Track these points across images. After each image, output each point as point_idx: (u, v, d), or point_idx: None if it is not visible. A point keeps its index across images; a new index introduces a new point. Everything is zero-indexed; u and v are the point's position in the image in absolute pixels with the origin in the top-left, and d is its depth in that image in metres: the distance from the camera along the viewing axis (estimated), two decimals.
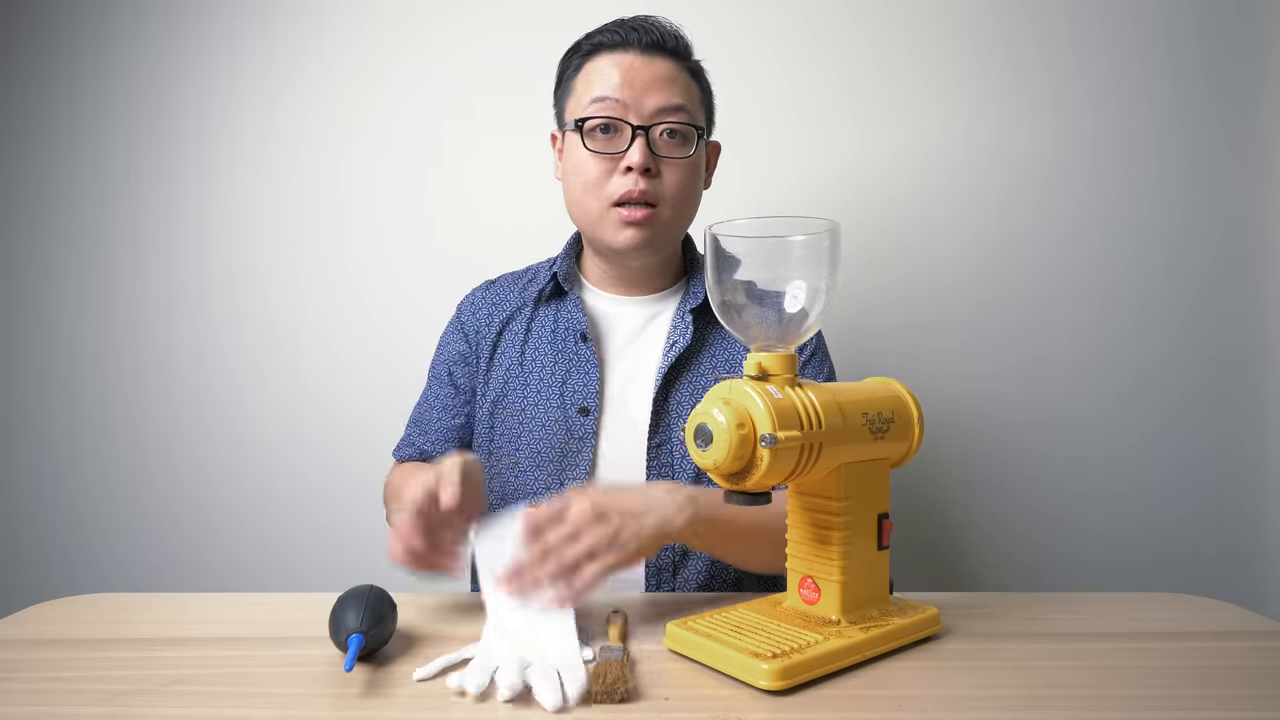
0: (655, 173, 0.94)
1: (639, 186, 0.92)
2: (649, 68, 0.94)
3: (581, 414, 0.97)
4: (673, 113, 0.94)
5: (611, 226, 0.96)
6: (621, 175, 0.93)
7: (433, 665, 0.63)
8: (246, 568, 1.53)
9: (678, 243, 1.03)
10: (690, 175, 0.97)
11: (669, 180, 0.95)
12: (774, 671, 0.59)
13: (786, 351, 0.67)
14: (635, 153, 0.92)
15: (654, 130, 0.93)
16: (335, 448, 1.52)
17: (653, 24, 0.96)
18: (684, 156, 0.95)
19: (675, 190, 0.95)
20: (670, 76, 0.95)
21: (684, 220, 1.00)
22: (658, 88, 0.94)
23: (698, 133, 0.96)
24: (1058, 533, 1.47)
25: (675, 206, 0.96)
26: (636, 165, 0.92)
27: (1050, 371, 1.46)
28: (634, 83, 0.93)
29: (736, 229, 0.68)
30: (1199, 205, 1.44)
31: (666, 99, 0.94)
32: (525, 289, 1.07)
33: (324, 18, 1.50)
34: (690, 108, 0.96)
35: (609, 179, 0.94)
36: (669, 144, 0.95)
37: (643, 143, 0.92)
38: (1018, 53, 1.45)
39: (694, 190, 0.99)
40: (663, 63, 0.95)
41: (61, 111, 1.53)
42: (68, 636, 0.72)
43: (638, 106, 0.93)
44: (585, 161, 0.95)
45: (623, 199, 0.94)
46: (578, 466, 0.96)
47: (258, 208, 1.52)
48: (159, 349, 1.54)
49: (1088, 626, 0.74)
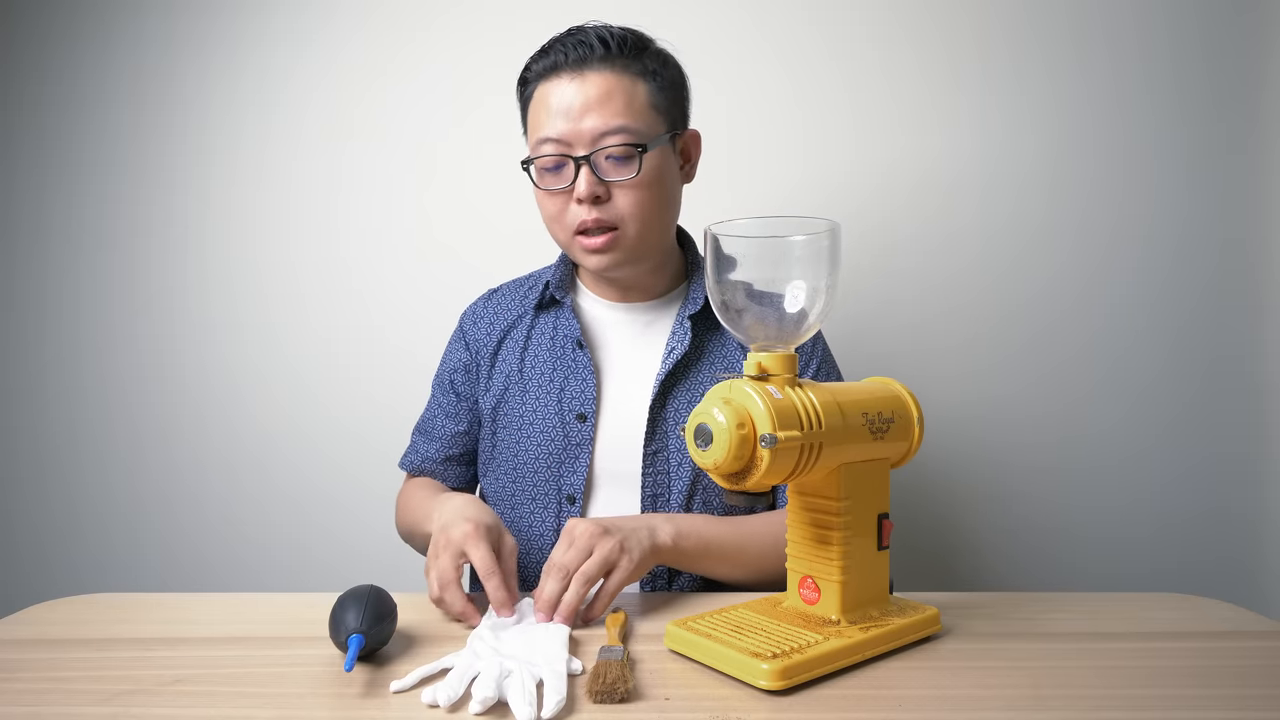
0: (606, 197, 0.93)
1: (591, 215, 0.92)
2: (582, 90, 0.91)
3: (579, 420, 0.97)
4: (613, 134, 0.91)
5: (579, 253, 0.96)
6: (576, 204, 0.93)
7: (410, 677, 0.61)
8: (246, 568, 1.53)
9: (660, 250, 1.01)
10: (645, 193, 0.94)
11: (622, 202, 0.93)
12: (774, 671, 0.59)
13: (786, 351, 0.67)
14: (581, 184, 0.91)
15: (596, 156, 0.91)
16: (335, 448, 1.52)
17: (580, 36, 0.93)
18: (631, 178, 0.92)
19: (632, 209, 0.93)
20: (605, 92, 0.91)
21: (654, 232, 0.97)
22: (593, 111, 0.91)
23: (640, 150, 0.92)
24: (1058, 532, 1.47)
25: (638, 222, 0.94)
26: (584, 196, 0.91)
27: (1050, 371, 1.46)
28: (569, 112, 0.91)
29: (736, 229, 0.68)
30: (1201, 211, 1.44)
31: (604, 122, 0.91)
32: (526, 296, 1.07)
33: (323, 19, 1.50)
34: (633, 122, 0.92)
35: (566, 210, 0.94)
36: (614, 167, 0.92)
37: (587, 172, 0.91)
38: (1019, 55, 1.44)
39: (657, 202, 0.96)
40: (596, 77, 0.92)
41: (61, 111, 1.53)
42: (68, 636, 0.72)
43: (578, 136, 0.91)
44: (543, 198, 0.96)
45: (579, 229, 0.94)
46: (575, 473, 0.97)
47: (257, 208, 1.52)
48: (159, 349, 1.54)
49: (1088, 626, 0.74)
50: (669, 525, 0.84)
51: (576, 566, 0.75)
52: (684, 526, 0.86)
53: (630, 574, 0.78)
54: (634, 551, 0.79)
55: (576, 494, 0.96)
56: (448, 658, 0.64)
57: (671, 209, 0.99)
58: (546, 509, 0.97)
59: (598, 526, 0.78)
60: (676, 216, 1.02)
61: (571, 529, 0.79)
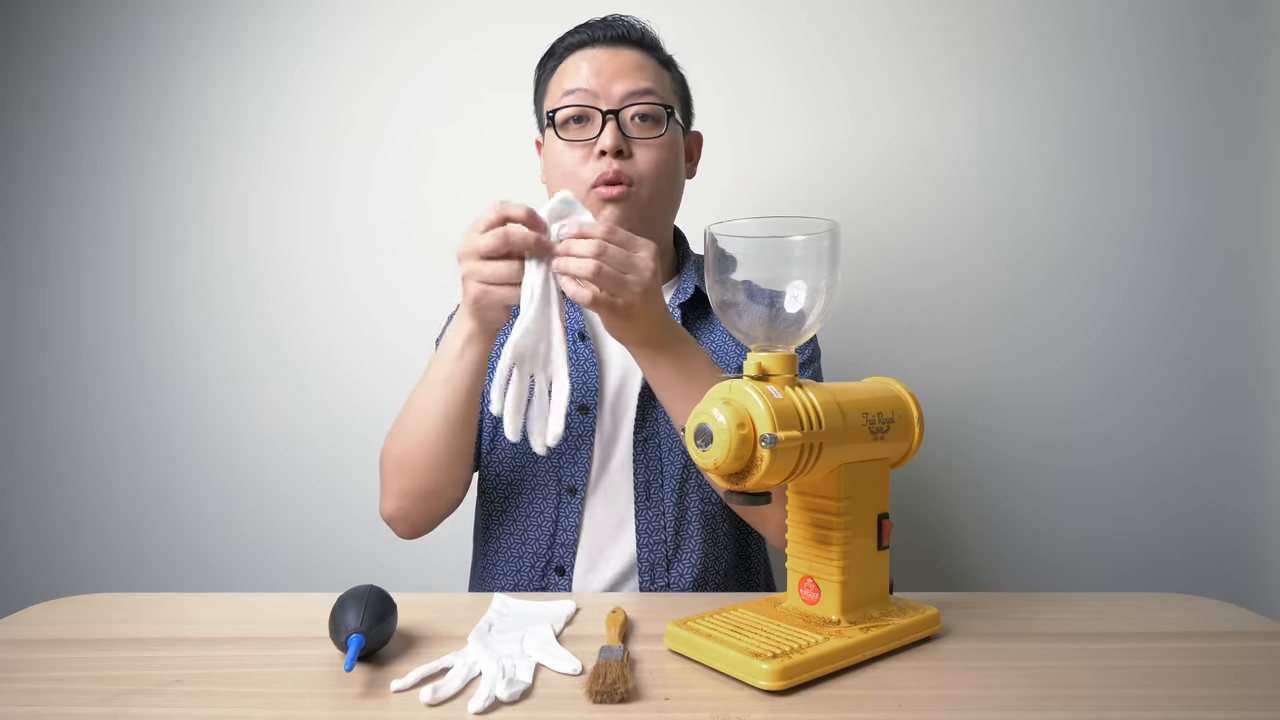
0: (628, 154, 0.96)
1: (613, 168, 0.94)
2: (615, 58, 0.97)
3: (581, 411, 0.98)
4: (641, 95, 0.96)
5: (592, 208, 0.96)
6: (596, 159, 0.95)
7: (410, 677, 0.61)
8: (246, 568, 1.53)
9: (662, 227, 1.03)
10: (665, 155, 0.98)
11: (642, 160, 0.96)
12: (774, 671, 0.59)
13: (786, 352, 0.67)
14: (606, 136, 0.94)
15: (624, 113, 0.95)
16: (334, 448, 1.52)
17: (617, 19, 1.00)
18: (655, 136, 0.96)
19: (650, 169, 0.96)
20: (638, 64, 0.98)
21: (663, 201, 1.00)
22: (625, 74, 0.96)
23: (668, 112, 0.97)
24: (1058, 532, 1.47)
25: (652, 185, 0.97)
26: (609, 148, 0.94)
27: (1050, 371, 1.46)
28: (601, 71, 0.96)
29: (736, 229, 0.68)
30: (1200, 209, 1.44)
31: (634, 83, 0.96)
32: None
33: (322, 18, 1.50)
34: (659, 90, 0.98)
35: (584, 165, 0.96)
36: (640, 126, 0.96)
37: (613, 126, 0.94)
38: (1018, 55, 1.45)
39: (671, 171, 0.99)
40: (629, 52, 0.98)
41: (60, 112, 1.53)
42: (67, 636, 0.72)
43: (606, 93, 0.95)
44: (562, 151, 0.97)
45: (598, 181, 0.95)
46: (576, 464, 0.97)
47: (256, 209, 1.52)
48: (158, 349, 1.54)
49: (1088, 626, 0.74)
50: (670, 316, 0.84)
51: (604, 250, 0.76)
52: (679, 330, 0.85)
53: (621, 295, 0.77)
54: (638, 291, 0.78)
55: (578, 485, 0.96)
56: (447, 657, 0.64)
57: (679, 188, 1.03)
58: (546, 500, 0.97)
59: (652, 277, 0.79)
60: (680, 200, 1.04)
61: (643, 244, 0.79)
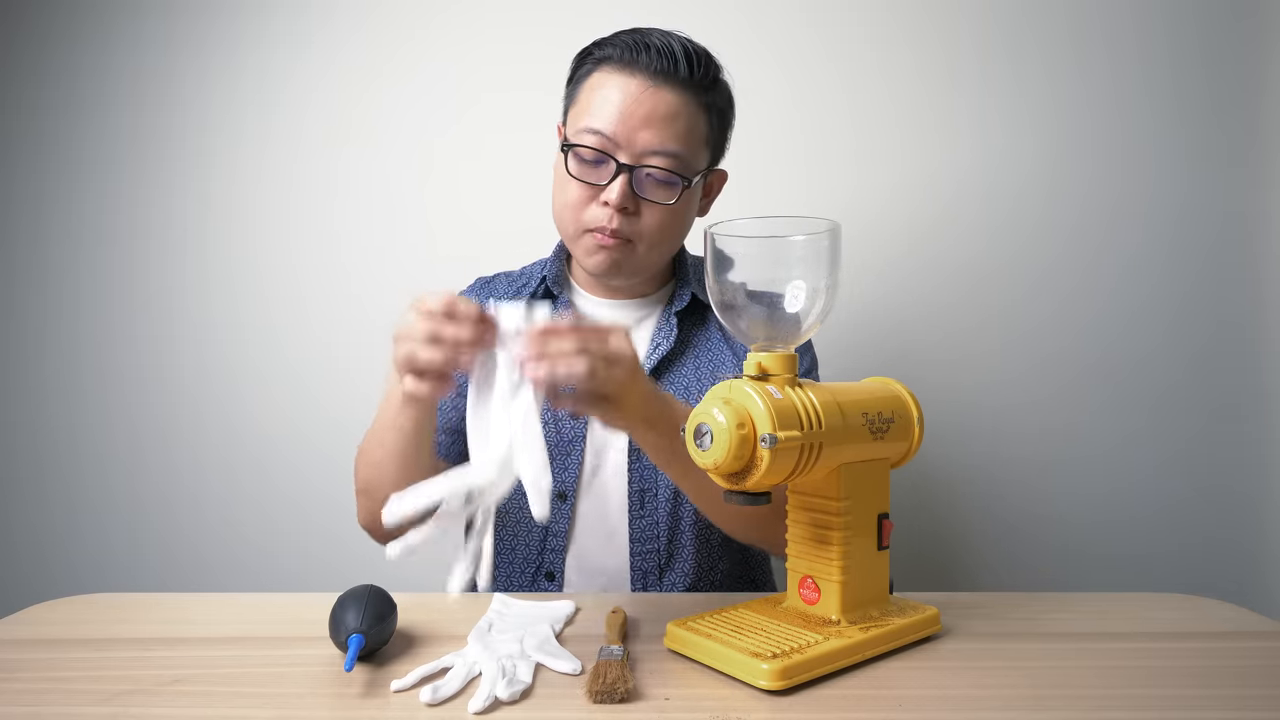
0: (634, 211, 0.91)
1: (612, 225, 0.90)
2: (651, 100, 0.89)
3: (572, 416, 0.97)
4: (663, 156, 0.90)
5: (584, 249, 0.94)
6: (600, 206, 0.91)
7: (410, 677, 0.61)
8: (246, 568, 1.53)
9: (656, 268, 1.01)
10: (672, 219, 0.94)
11: (647, 220, 0.92)
12: (774, 671, 0.59)
13: (786, 351, 0.67)
14: (615, 190, 0.89)
15: (639, 171, 0.90)
16: (334, 448, 1.52)
17: (669, 46, 0.90)
18: (665, 202, 0.92)
19: (652, 230, 0.92)
20: (672, 113, 0.90)
21: (662, 255, 0.97)
22: (654, 125, 0.89)
23: (685, 182, 0.91)
24: (1057, 533, 1.47)
25: (651, 244, 0.93)
26: (614, 203, 0.89)
27: (1050, 373, 1.46)
28: (630, 116, 0.89)
29: (736, 229, 0.68)
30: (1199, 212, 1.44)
31: (659, 141, 0.89)
32: (519, 291, 1.07)
33: (322, 19, 1.50)
34: (687, 152, 0.91)
35: (587, 206, 0.92)
36: (653, 186, 0.91)
37: (624, 181, 0.89)
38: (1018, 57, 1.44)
39: (674, 229, 0.96)
40: (668, 95, 0.90)
41: (60, 113, 1.53)
42: (67, 636, 0.72)
43: (629, 143, 0.89)
44: (568, 183, 0.93)
45: (596, 229, 0.92)
46: (567, 470, 0.96)
47: (257, 209, 1.52)
48: (158, 349, 1.54)
49: (1088, 626, 0.74)
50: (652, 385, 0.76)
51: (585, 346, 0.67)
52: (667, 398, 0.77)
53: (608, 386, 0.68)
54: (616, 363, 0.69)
55: (568, 490, 0.96)
56: (447, 657, 0.64)
57: (683, 237, 1.00)
58: None
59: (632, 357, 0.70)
60: (682, 243, 1.02)
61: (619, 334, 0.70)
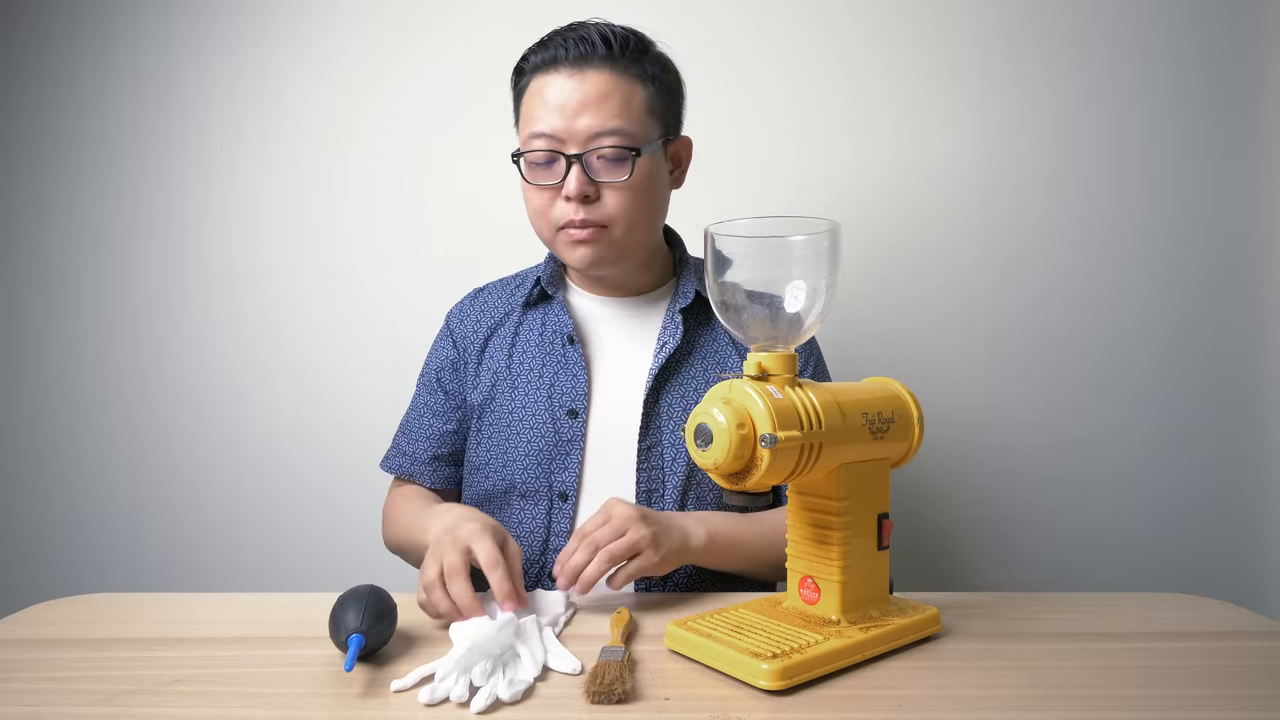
0: (595, 197, 0.92)
1: (579, 215, 0.92)
2: (580, 87, 0.91)
3: (570, 416, 0.97)
4: (607, 136, 0.90)
5: (564, 248, 0.96)
6: (564, 202, 0.93)
7: (410, 677, 0.61)
8: (246, 568, 1.53)
9: (644, 250, 1.01)
10: (635, 195, 0.94)
11: (611, 203, 0.92)
12: (774, 671, 0.59)
13: (786, 351, 0.67)
14: (571, 182, 0.91)
15: (589, 156, 0.91)
16: (335, 448, 1.52)
17: (583, 32, 0.92)
18: (620, 179, 0.92)
19: (620, 210, 0.93)
20: (602, 93, 0.91)
21: (640, 234, 0.97)
22: (588, 109, 0.90)
23: (634, 154, 0.91)
24: (1057, 532, 1.47)
25: (624, 224, 0.94)
26: (574, 195, 0.91)
27: (1050, 372, 1.46)
28: (565, 109, 0.90)
29: (736, 229, 0.68)
30: (1201, 211, 1.44)
31: (599, 122, 0.90)
32: (513, 294, 1.07)
33: (323, 20, 1.50)
34: (628, 124, 0.91)
35: (552, 206, 0.94)
36: (605, 167, 0.92)
37: (578, 171, 0.91)
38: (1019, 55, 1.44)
39: (646, 204, 0.96)
40: (595, 76, 0.91)
41: (60, 113, 1.53)
42: (68, 636, 0.72)
43: (571, 134, 0.90)
44: (529, 191, 0.96)
45: (565, 225, 0.93)
46: (567, 470, 0.96)
47: (256, 208, 1.52)
48: (159, 349, 1.54)
49: (1088, 626, 0.74)
50: (701, 529, 0.87)
51: (606, 543, 0.78)
52: (716, 529, 0.88)
53: (653, 566, 0.80)
54: (663, 547, 0.81)
55: (569, 490, 0.96)
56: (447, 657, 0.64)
57: (659, 212, 1.00)
58: (538, 506, 0.96)
59: (636, 512, 0.80)
60: (663, 219, 1.02)
61: (610, 508, 0.81)
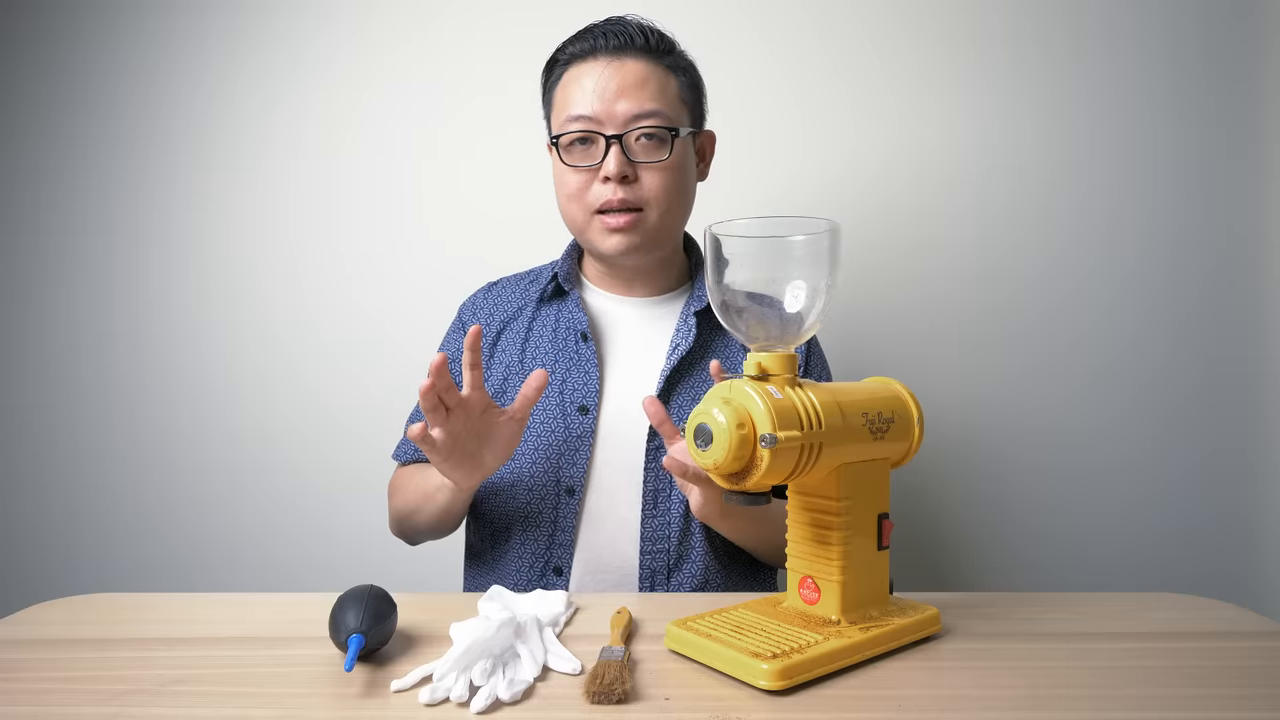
0: (634, 178, 0.95)
1: (618, 195, 0.94)
2: (619, 73, 0.94)
3: (580, 412, 0.97)
4: (646, 118, 0.94)
5: (598, 234, 0.97)
6: (601, 184, 0.94)
7: (410, 677, 0.61)
8: (246, 568, 1.53)
9: (673, 242, 1.03)
10: (673, 176, 0.96)
11: (649, 184, 0.95)
12: (774, 671, 0.59)
13: (786, 351, 0.67)
14: (611, 162, 0.93)
15: (628, 137, 0.94)
16: (335, 448, 1.52)
17: (620, 25, 0.96)
18: (660, 160, 0.95)
19: (657, 193, 0.95)
20: (641, 79, 0.95)
21: (674, 219, 1.00)
22: (628, 93, 0.94)
23: (673, 134, 0.95)
24: (1057, 532, 1.47)
25: (661, 208, 0.96)
26: (613, 174, 0.93)
27: (1050, 372, 1.46)
28: (604, 93, 0.94)
29: (736, 229, 0.68)
30: (1199, 210, 1.44)
31: (638, 105, 0.94)
32: (528, 289, 1.08)
33: (322, 19, 1.50)
34: (666, 108, 0.95)
35: (589, 188, 0.96)
36: (645, 148, 0.95)
37: (618, 151, 0.93)
38: (1018, 53, 1.45)
39: (680, 189, 0.98)
40: (633, 64, 0.95)
41: (60, 112, 1.53)
42: (68, 636, 0.72)
43: (610, 116, 0.94)
44: (566, 174, 0.97)
45: (603, 207, 0.95)
46: (575, 465, 0.96)
47: (256, 207, 1.52)
48: (159, 348, 1.54)
49: (1088, 626, 0.74)
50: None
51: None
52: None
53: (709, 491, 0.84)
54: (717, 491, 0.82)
55: (576, 486, 0.96)
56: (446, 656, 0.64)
57: (690, 200, 1.02)
58: (544, 500, 0.97)
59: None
60: (691, 209, 1.03)
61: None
